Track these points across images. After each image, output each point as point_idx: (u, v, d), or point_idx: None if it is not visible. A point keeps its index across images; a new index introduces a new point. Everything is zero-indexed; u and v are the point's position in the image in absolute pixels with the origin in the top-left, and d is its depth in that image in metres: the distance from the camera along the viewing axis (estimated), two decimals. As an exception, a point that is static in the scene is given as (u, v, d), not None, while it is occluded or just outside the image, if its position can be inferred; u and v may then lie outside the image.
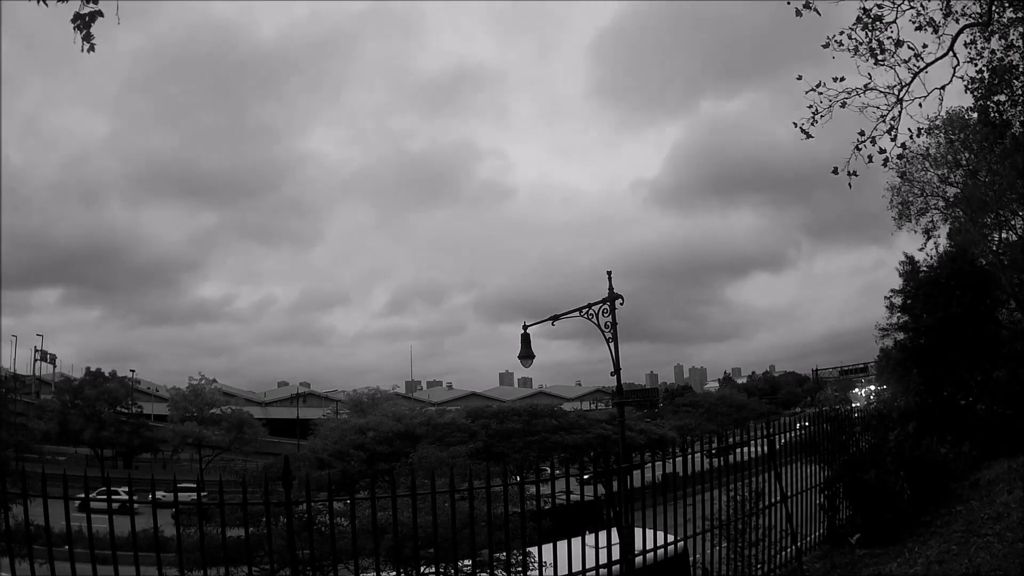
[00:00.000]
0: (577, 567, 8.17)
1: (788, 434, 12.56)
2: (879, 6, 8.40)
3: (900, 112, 8.53)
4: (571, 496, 9.23)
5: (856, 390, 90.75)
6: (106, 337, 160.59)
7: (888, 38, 8.43)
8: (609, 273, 9.96)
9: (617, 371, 9.90)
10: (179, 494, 7.10)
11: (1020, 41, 9.02)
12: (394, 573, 7.68)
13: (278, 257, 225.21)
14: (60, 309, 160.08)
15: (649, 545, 9.09)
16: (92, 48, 4.72)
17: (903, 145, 8.84)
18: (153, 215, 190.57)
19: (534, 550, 8.69)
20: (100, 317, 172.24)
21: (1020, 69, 9.19)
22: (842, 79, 8.37)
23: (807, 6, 8.19)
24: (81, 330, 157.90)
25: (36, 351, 74.40)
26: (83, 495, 6.96)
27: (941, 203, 30.13)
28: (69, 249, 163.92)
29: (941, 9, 8.50)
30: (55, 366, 74.77)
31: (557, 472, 9.29)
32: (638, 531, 9.14)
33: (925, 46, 8.48)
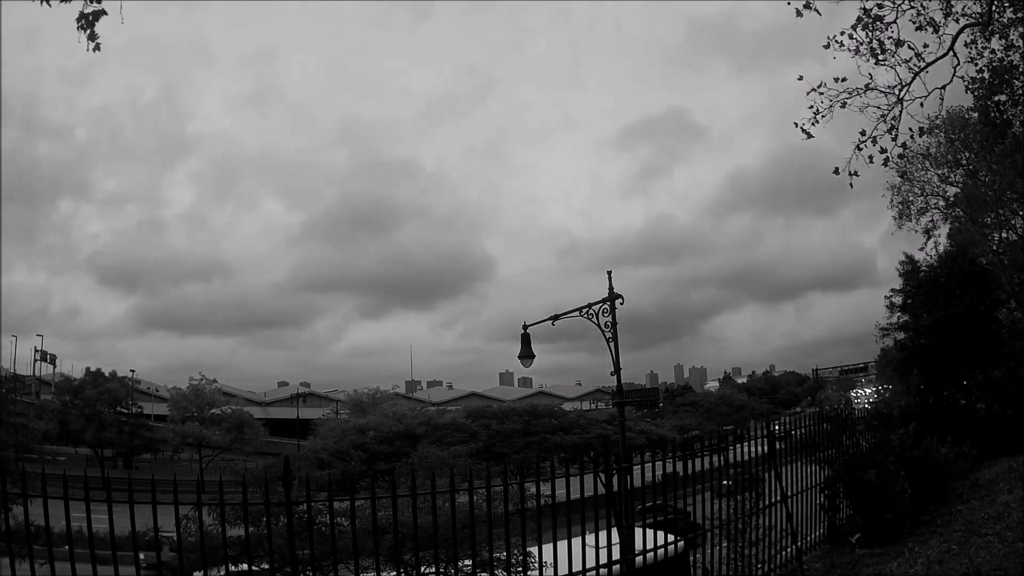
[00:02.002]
0: (577, 567, 8.17)
1: (788, 433, 12.57)
2: (879, 6, 8.39)
3: (901, 112, 8.53)
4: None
5: (856, 389, 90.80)
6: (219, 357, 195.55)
7: (888, 38, 8.43)
8: (609, 273, 9.97)
9: (617, 371, 9.89)
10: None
11: (1020, 41, 9.02)
12: (394, 573, 7.68)
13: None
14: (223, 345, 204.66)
15: (649, 545, 9.09)
16: (97, 47, 4.72)
17: (904, 145, 8.85)
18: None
19: (534, 550, 8.69)
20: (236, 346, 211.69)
21: (1020, 69, 9.19)
22: (843, 79, 8.38)
23: (807, 6, 8.19)
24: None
25: (36, 351, 74.50)
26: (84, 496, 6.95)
27: (941, 203, 30.10)
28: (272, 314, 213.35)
29: (941, 9, 8.50)
30: (55, 366, 74.86)
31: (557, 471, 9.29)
32: (638, 531, 9.14)
33: (926, 46, 8.49)
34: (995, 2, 8.70)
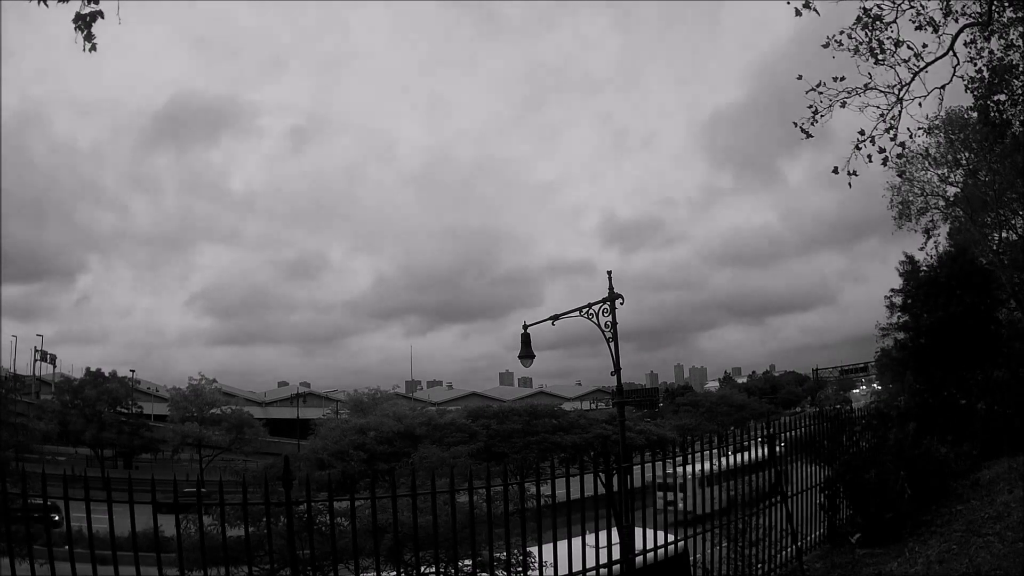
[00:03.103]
0: (577, 567, 8.17)
1: (789, 433, 12.56)
2: (879, 6, 8.40)
3: (900, 111, 8.53)
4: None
5: (856, 389, 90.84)
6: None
7: (888, 38, 8.43)
8: (609, 273, 9.96)
9: (617, 371, 9.89)
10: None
11: (1020, 40, 9.02)
12: (394, 573, 7.68)
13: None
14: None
15: (649, 545, 9.09)
16: (94, 48, 4.72)
17: (903, 144, 8.84)
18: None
19: (534, 550, 8.69)
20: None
21: (1020, 68, 9.18)
22: (842, 79, 8.37)
23: (807, 6, 8.19)
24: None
25: (36, 351, 74.49)
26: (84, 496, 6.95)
27: (941, 202, 30.12)
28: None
29: (941, 9, 8.50)
30: (55, 366, 74.83)
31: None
32: (638, 531, 9.14)
33: (925, 46, 8.48)
34: (995, 2, 8.70)
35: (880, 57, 8.45)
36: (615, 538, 8.76)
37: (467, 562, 8.27)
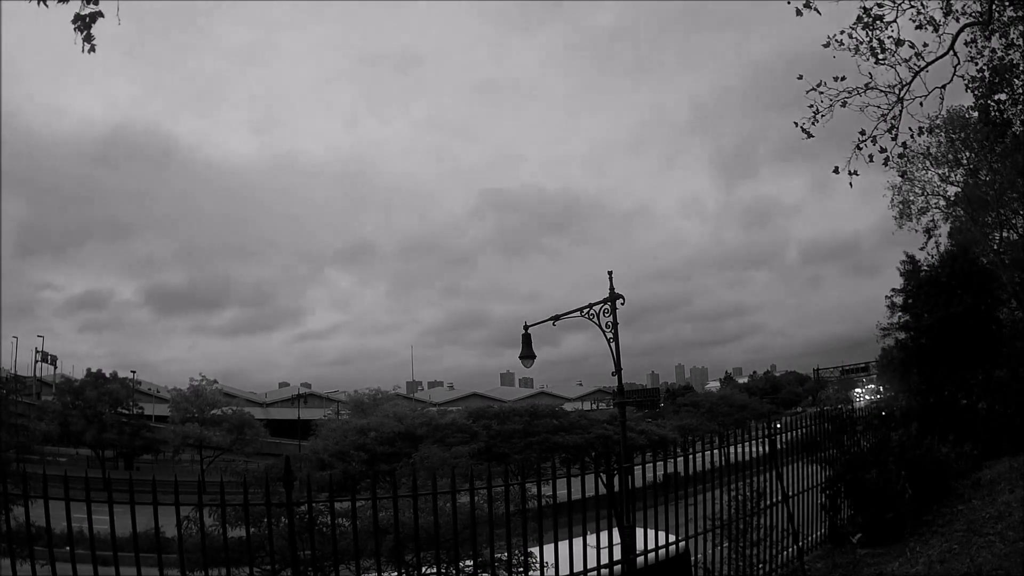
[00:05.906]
0: (579, 567, 8.16)
1: (790, 433, 12.56)
2: (879, 5, 8.40)
3: (901, 111, 8.54)
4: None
5: (857, 389, 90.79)
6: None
7: (888, 37, 8.44)
8: (610, 273, 9.95)
9: (618, 371, 9.88)
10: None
11: (1020, 40, 9.03)
12: (395, 573, 7.68)
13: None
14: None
15: (651, 545, 9.09)
16: (93, 49, 4.71)
17: (904, 144, 8.84)
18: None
19: (535, 550, 8.69)
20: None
21: (1020, 68, 9.19)
22: (843, 78, 8.37)
23: (807, 6, 8.20)
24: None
25: (37, 352, 74.57)
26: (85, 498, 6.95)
27: (942, 202, 30.17)
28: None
29: (941, 8, 8.50)
30: (56, 367, 74.91)
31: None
32: (639, 531, 9.14)
33: (925, 45, 8.49)
34: (995, 1, 8.70)
35: (880, 56, 8.46)
36: (616, 538, 8.75)
37: (468, 562, 8.27)
